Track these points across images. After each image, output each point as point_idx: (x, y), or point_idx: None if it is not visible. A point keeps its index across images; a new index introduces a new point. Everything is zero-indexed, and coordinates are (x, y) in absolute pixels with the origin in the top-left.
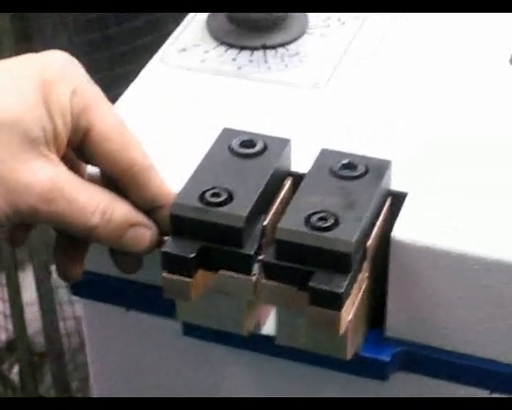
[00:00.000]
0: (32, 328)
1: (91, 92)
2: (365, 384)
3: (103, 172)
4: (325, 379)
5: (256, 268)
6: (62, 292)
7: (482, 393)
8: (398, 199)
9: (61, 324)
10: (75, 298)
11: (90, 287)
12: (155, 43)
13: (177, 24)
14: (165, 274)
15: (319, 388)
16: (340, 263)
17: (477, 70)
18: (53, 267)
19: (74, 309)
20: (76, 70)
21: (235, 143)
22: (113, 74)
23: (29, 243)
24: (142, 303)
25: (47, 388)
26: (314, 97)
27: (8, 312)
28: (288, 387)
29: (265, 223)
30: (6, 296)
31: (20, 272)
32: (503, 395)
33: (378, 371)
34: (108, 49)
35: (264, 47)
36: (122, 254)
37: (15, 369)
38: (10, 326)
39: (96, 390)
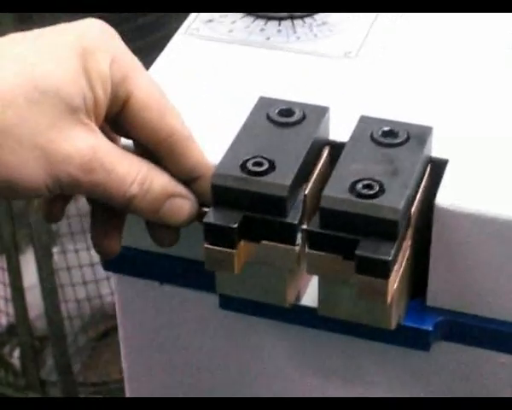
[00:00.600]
0: (33, 312)
1: (130, 61)
2: (406, 354)
3: (138, 145)
4: (366, 350)
5: (299, 238)
6: (64, 275)
7: None
8: (439, 166)
9: (63, 306)
10: (76, 281)
11: (122, 261)
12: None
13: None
14: (207, 245)
15: (360, 360)
16: (387, 231)
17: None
18: (54, 250)
19: (76, 292)
20: (113, 38)
21: (273, 112)
22: None
23: (29, 226)
24: (176, 277)
25: (48, 372)
26: (346, 67)
27: (9, 296)
28: (329, 360)
29: (306, 192)
30: (7, 280)
31: (21, 255)
32: None
33: (420, 341)
34: None
35: (292, 17)
36: (159, 226)
37: (16, 353)
38: (11, 310)
39: (127, 368)
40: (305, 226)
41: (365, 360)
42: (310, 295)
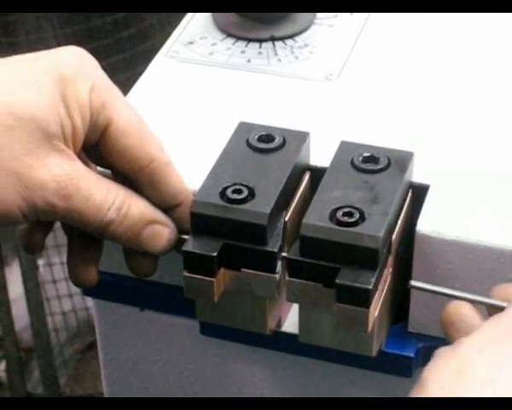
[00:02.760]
0: (19, 323)
1: (109, 88)
2: (388, 380)
3: (116, 173)
4: (348, 377)
5: (279, 266)
6: (50, 287)
7: None
8: (420, 191)
9: (49, 319)
10: (62, 293)
11: (101, 287)
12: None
13: (159, 17)
14: (186, 274)
15: (342, 386)
16: (368, 259)
17: (493, 59)
18: (40, 262)
19: (62, 304)
20: (92, 66)
21: (252, 138)
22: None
23: (15, 239)
24: (156, 303)
25: (34, 384)
26: (327, 90)
27: None
28: (311, 386)
29: (286, 219)
30: None
31: (7, 267)
32: None
33: (402, 367)
34: (92, 41)
35: (273, 39)
36: (137, 255)
37: (2, 366)
38: None
39: (107, 391)
40: (285, 254)
41: (347, 387)
42: (291, 321)
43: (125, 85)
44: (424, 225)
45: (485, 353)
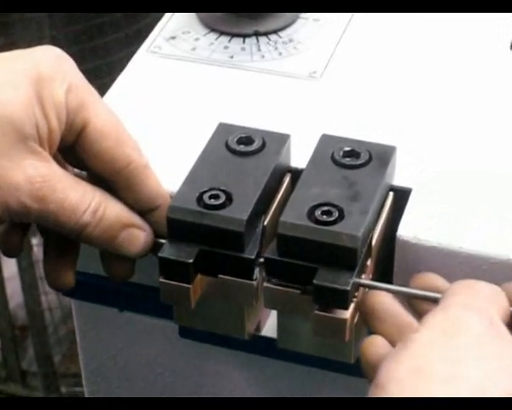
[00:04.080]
0: (13, 301)
1: (86, 89)
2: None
3: (92, 176)
4: (327, 381)
5: (257, 272)
6: None
7: None
8: (401, 194)
9: (43, 298)
10: None
11: (80, 288)
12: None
13: (156, 15)
14: (162, 280)
15: (320, 390)
16: (346, 259)
17: (478, 57)
18: (34, 241)
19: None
20: (69, 66)
21: (231, 140)
22: (95, 66)
23: None
24: (135, 304)
25: (29, 362)
26: (310, 87)
27: None
28: (288, 389)
29: (265, 223)
30: None
31: None
32: None
33: None
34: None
35: (257, 34)
36: (114, 258)
37: None
38: None
39: (88, 391)
40: (262, 260)
41: (326, 391)
42: (271, 325)
43: None
44: (405, 230)
45: (440, 348)
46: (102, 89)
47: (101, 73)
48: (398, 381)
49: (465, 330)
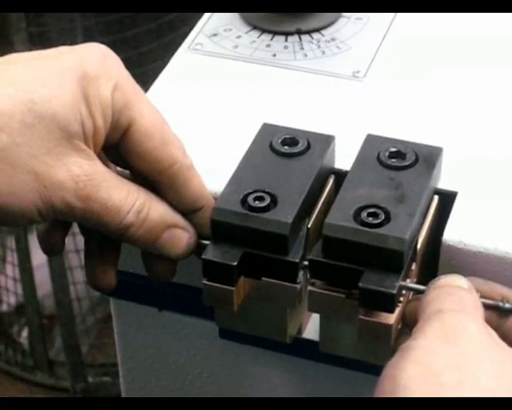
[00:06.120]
0: (41, 290)
1: (132, 88)
2: None
3: (135, 175)
4: (370, 384)
5: (301, 275)
6: (73, 256)
7: None
8: (447, 198)
9: (72, 288)
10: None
11: (120, 286)
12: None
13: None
14: (205, 282)
15: (362, 393)
16: (392, 262)
17: None
18: None
19: (84, 273)
20: (116, 64)
21: (276, 141)
22: (126, 57)
23: None
24: (175, 304)
25: (57, 352)
26: (354, 87)
27: (17, 276)
28: (331, 393)
29: (309, 225)
30: (15, 261)
31: (30, 234)
32: None
33: None
34: (121, 31)
35: (299, 32)
36: (156, 258)
37: (25, 333)
38: (20, 291)
39: (125, 389)
40: (306, 263)
41: (366, 394)
42: (313, 328)
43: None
44: (451, 235)
45: (442, 354)
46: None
47: (132, 64)
48: (404, 388)
49: (464, 334)
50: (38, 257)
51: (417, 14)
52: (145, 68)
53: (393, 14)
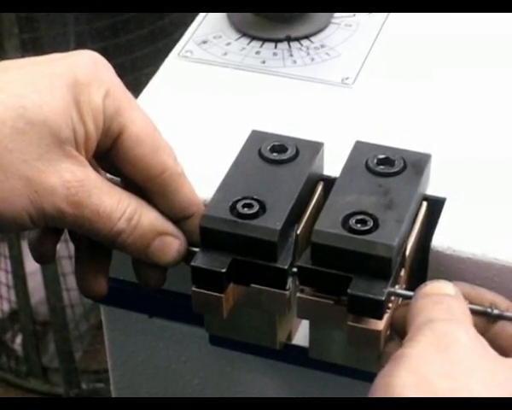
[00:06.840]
0: (35, 297)
1: (123, 94)
2: None
3: (126, 182)
4: (359, 390)
5: (290, 282)
6: (66, 263)
7: None
8: (436, 204)
9: (65, 294)
10: None
11: (110, 293)
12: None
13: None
14: (194, 289)
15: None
16: (380, 269)
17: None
18: None
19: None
20: (108, 71)
21: (265, 148)
22: (119, 63)
23: None
24: (165, 310)
25: (50, 358)
26: (343, 94)
27: (11, 283)
28: (319, 396)
29: (298, 232)
30: (9, 267)
31: (23, 240)
32: None
33: None
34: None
35: (289, 39)
36: (146, 265)
37: (19, 339)
38: (13, 297)
39: (116, 396)
40: (295, 269)
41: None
42: (302, 334)
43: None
44: (439, 241)
45: (434, 363)
46: (126, 86)
47: (125, 70)
48: (399, 395)
49: (456, 343)
50: (32, 264)
51: (407, 21)
52: (138, 74)
53: (382, 20)
